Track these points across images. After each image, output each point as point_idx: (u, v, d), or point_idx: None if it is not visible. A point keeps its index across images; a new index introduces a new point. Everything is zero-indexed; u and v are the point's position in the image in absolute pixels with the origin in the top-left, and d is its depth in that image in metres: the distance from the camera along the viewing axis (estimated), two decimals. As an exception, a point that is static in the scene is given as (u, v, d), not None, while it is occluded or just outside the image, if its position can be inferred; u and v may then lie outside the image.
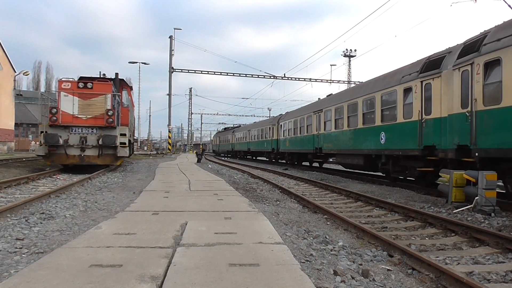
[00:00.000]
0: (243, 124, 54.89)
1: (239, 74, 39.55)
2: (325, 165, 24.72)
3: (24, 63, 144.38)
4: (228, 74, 38.80)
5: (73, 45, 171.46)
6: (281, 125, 27.64)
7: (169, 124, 39.18)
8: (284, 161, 28.28)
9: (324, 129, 18.44)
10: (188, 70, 38.00)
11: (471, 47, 8.84)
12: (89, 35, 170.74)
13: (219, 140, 61.90)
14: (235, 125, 59.40)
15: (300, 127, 22.66)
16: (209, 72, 38.24)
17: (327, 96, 20.29)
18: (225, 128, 64.45)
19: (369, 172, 16.69)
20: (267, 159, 33.71)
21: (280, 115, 31.18)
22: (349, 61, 60.57)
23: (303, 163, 25.28)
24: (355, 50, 60.97)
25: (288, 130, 25.40)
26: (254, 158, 42.23)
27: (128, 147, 16.17)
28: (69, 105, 14.49)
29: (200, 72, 38.14)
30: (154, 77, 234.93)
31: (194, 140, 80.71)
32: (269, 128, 31.13)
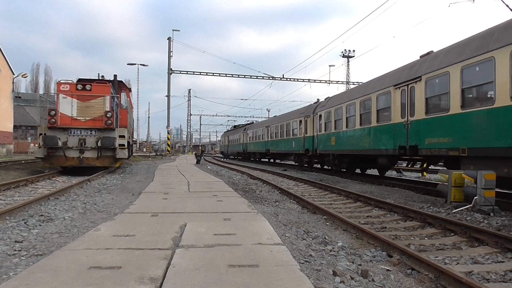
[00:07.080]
0: (256, 121, 47.65)
1: (238, 75, 39.69)
2: (409, 175, 18.09)
3: (23, 65, 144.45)
4: (227, 75, 38.99)
5: (76, 48, 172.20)
6: (320, 116, 19.19)
7: (168, 126, 39.23)
8: (319, 166, 21.09)
9: (427, 112, 10.44)
10: (187, 71, 38.02)
11: None
12: (92, 37, 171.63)
13: (228, 140, 52.55)
14: (247, 122, 51.25)
15: (360, 115, 14.52)
16: (208, 74, 38.33)
17: (421, 56, 11.64)
18: (234, 126, 56.40)
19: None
20: (296, 164, 25.28)
21: (316, 102, 22.00)
22: (348, 61, 60.61)
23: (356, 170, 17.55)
24: (354, 51, 60.99)
25: (335, 121, 17.12)
26: (273, 161, 34.11)
27: (127, 149, 16.19)
28: (67, 107, 14.51)
29: (199, 73, 38.21)
30: (156, 79, 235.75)
31: (194, 141, 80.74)
32: (299, 121, 22.66)
